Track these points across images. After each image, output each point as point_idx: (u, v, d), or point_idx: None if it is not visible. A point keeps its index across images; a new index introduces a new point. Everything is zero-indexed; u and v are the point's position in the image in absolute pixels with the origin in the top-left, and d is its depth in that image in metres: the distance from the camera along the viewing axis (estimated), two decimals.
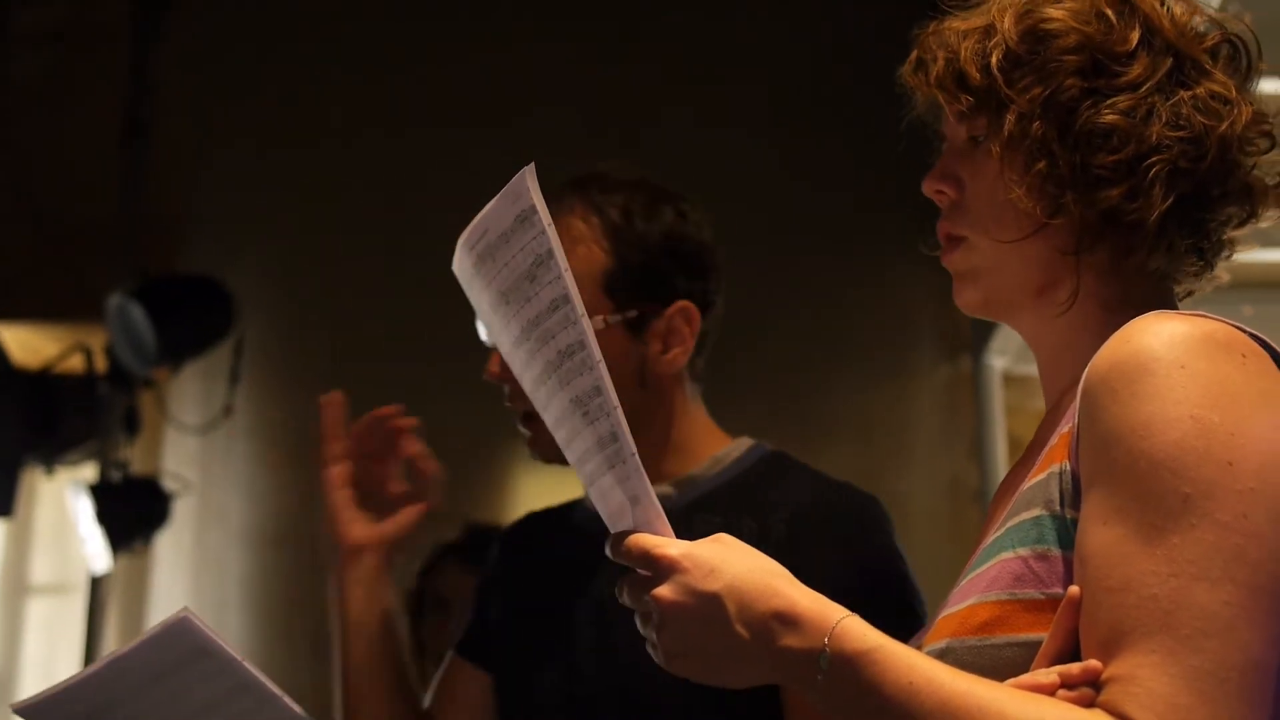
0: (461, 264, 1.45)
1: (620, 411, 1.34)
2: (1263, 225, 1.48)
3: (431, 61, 4.79)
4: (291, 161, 4.77)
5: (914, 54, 1.53)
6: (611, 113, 4.76)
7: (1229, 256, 1.50)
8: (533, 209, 1.35)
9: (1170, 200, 1.38)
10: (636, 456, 1.35)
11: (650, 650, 1.36)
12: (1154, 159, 1.38)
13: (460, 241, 1.44)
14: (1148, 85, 1.41)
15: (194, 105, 4.87)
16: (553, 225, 1.34)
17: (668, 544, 1.35)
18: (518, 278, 1.37)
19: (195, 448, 4.64)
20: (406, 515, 2.19)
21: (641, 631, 1.37)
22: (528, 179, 1.36)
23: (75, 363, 4.46)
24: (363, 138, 4.76)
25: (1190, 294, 1.52)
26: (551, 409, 1.41)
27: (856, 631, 1.27)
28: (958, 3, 1.53)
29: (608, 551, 1.40)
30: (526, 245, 1.36)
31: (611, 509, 1.40)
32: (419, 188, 4.69)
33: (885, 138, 1.63)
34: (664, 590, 1.33)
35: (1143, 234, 1.40)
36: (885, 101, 1.59)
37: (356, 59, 4.81)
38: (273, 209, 4.78)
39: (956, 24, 1.50)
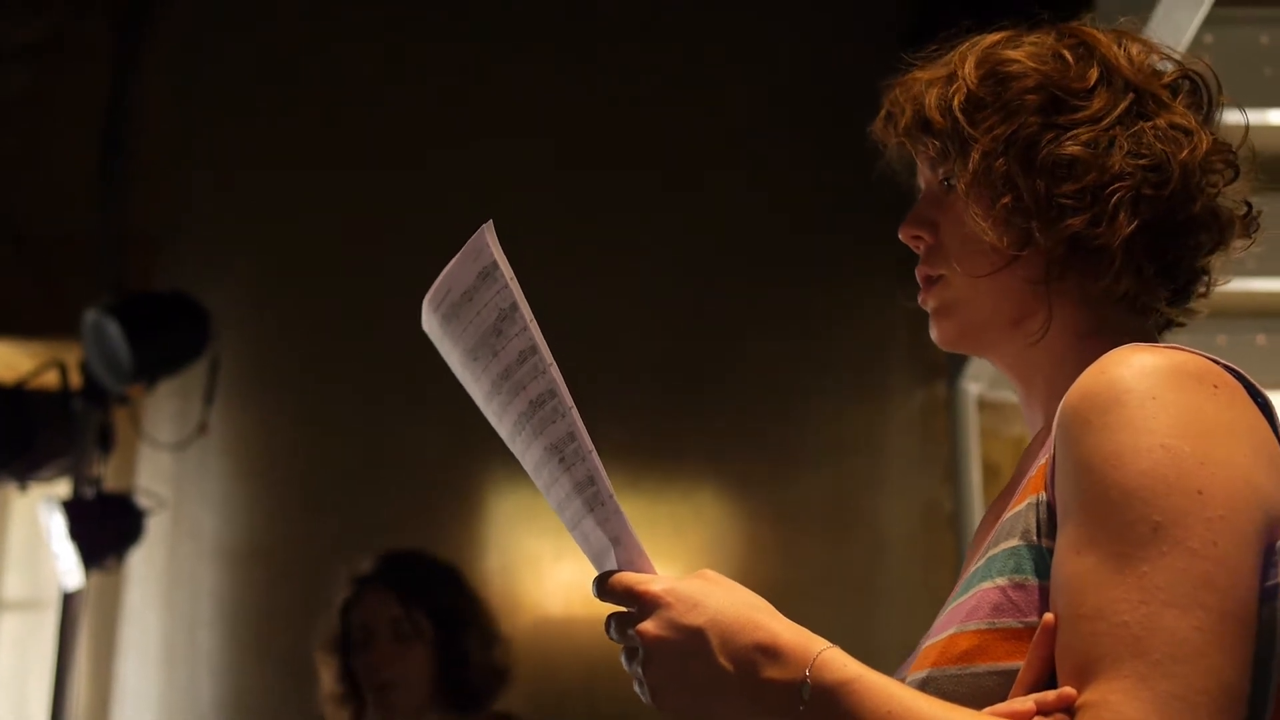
0: (429, 323, 1.47)
1: (595, 455, 1.37)
2: (1234, 255, 1.50)
3: (410, 82, 4.80)
4: (270, 180, 4.77)
5: (883, 108, 1.56)
6: (587, 138, 4.77)
7: (1207, 288, 1.52)
8: (494, 264, 1.37)
9: (1134, 225, 1.41)
10: (614, 498, 1.38)
11: (637, 689, 1.38)
12: (1116, 186, 1.41)
13: (425, 302, 1.45)
14: (1108, 119, 1.45)
15: (173, 123, 4.86)
16: (515, 279, 1.36)
17: (651, 580, 1.37)
18: (484, 334, 1.39)
19: (169, 465, 4.63)
20: None
21: (626, 669, 1.39)
22: (487, 235, 1.38)
23: (50, 379, 4.43)
24: (341, 158, 4.76)
25: (1170, 324, 1.54)
26: (529, 457, 1.43)
27: (837, 662, 1.29)
28: (922, 56, 1.56)
29: (593, 591, 1.42)
30: (490, 301, 1.38)
31: (595, 550, 1.43)
32: (396, 208, 4.69)
33: (858, 165, 1.65)
34: (648, 625, 1.35)
35: (1108, 259, 1.42)
36: (862, 130, 1.62)
37: (336, 79, 4.82)
38: (250, 228, 4.78)
39: (920, 75, 1.54)
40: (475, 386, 1.45)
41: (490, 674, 3.46)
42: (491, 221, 1.38)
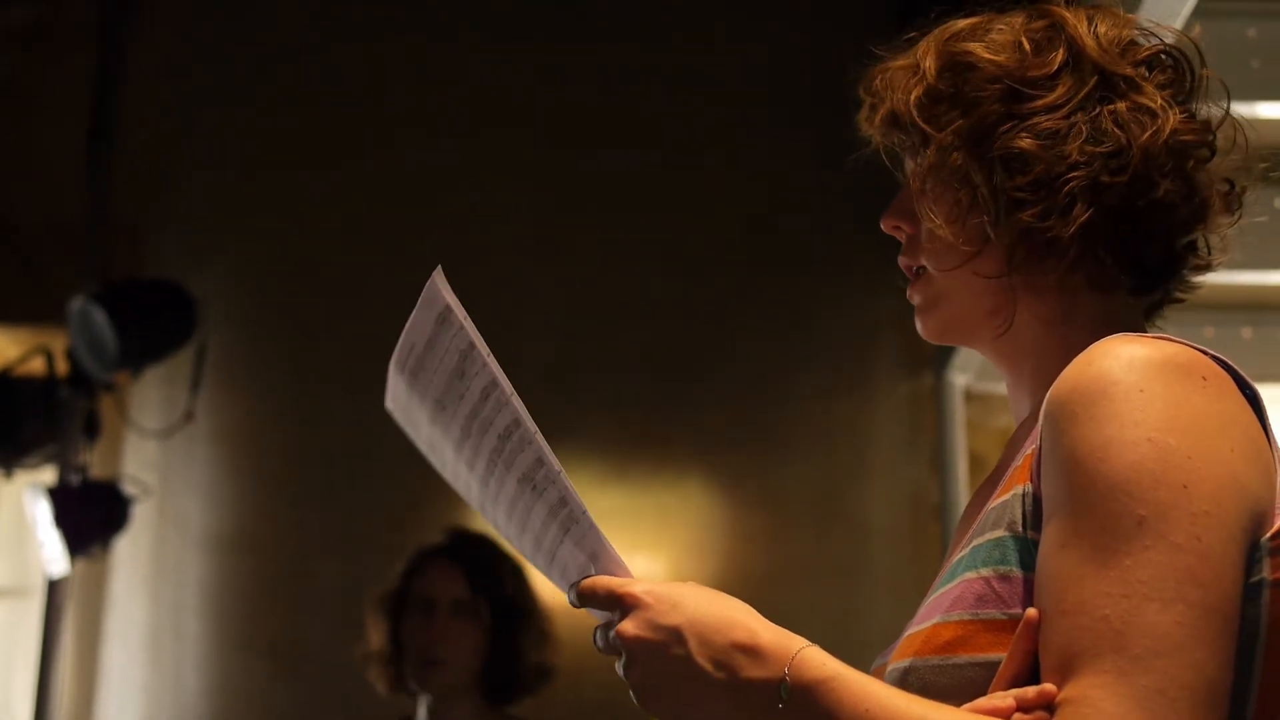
0: (395, 392, 1.48)
1: (564, 475, 1.37)
2: (1221, 232, 1.49)
3: (396, 73, 4.79)
4: (257, 169, 4.76)
5: (866, 100, 1.55)
6: (569, 134, 4.77)
7: (1207, 264, 1.50)
8: (448, 308, 1.37)
9: (1090, 214, 1.39)
10: (588, 514, 1.38)
11: (632, 696, 1.37)
12: (1070, 176, 1.40)
13: (391, 368, 1.47)
14: (1069, 105, 1.43)
15: (160, 111, 4.85)
16: (469, 319, 1.36)
17: (630, 583, 1.37)
18: (449, 378, 1.40)
19: (155, 452, 4.62)
20: None
21: (620, 675, 1.38)
22: (438, 281, 1.38)
23: (36, 365, 4.43)
24: (328, 147, 4.75)
25: (1162, 304, 1.53)
26: (503, 497, 1.43)
27: (816, 660, 1.29)
28: (897, 44, 1.55)
29: (572, 600, 1.41)
30: (450, 344, 1.39)
31: (574, 574, 1.42)
32: (383, 197, 4.69)
33: (846, 155, 1.65)
34: (627, 625, 1.35)
35: (1061, 250, 1.41)
36: (846, 122, 1.61)
37: (323, 70, 4.81)
38: (237, 215, 4.77)
39: (895, 64, 1.53)
40: (445, 439, 1.45)
41: (536, 671, 3.45)
42: (441, 268, 1.39)
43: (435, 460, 1.49)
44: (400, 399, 1.48)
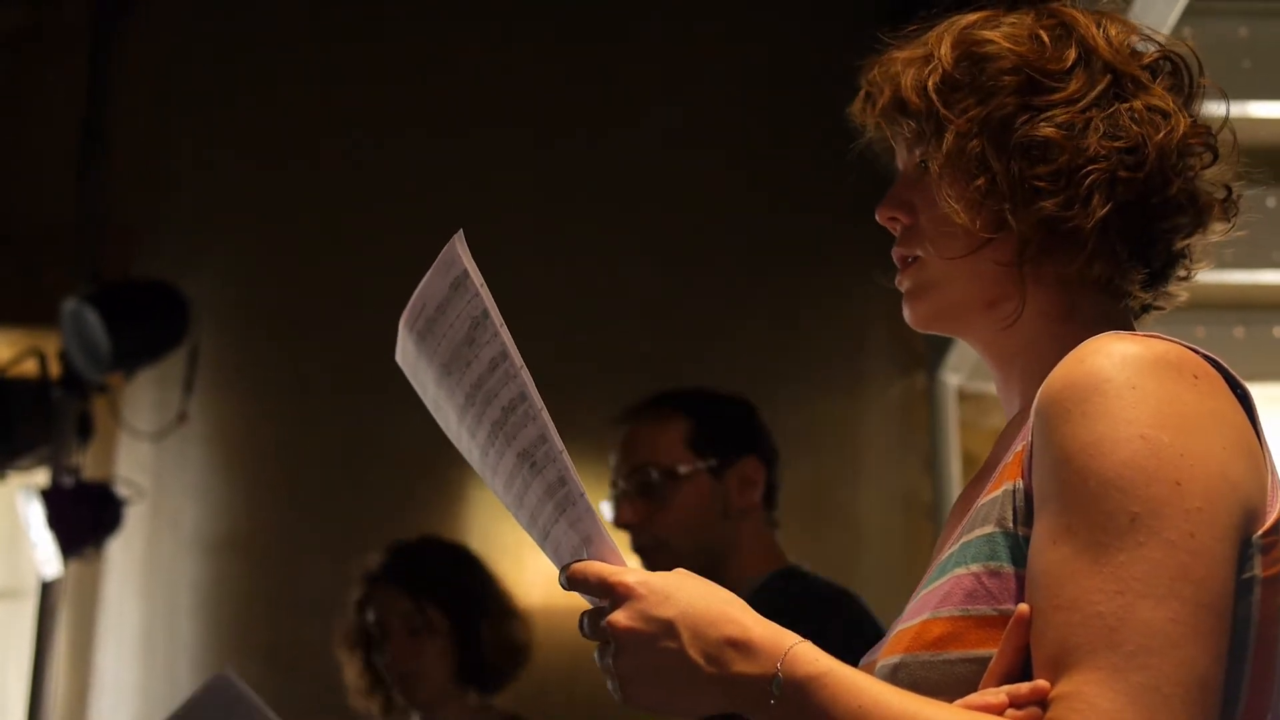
0: (404, 349, 1.47)
1: (566, 455, 1.35)
2: (1213, 239, 1.50)
3: (389, 73, 4.78)
4: (249, 169, 4.75)
5: (862, 89, 1.55)
6: (568, 128, 4.77)
7: (1188, 273, 1.52)
8: (465, 274, 1.36)
9: (1109, 208, 1.41)
10: (586, 496, 1.37)
11: (609, 686, 1.36)
12: (1090, 168, 1.41)
13: (401, 325, 1.45)
14: (1085, 100, 1.44)
15: (153, 112, 4.84)
16: (485, 286, 1.35)
17: (623, 572, 1.36)
18: (457, 345, 1.39)
19: (148, 454, 4.62)
20: None
21: (599, 664, 1.37)
22: (458, 245, 1.37)
23: (29, 367, 4.42)
24: (321, 147, 4.74)
25: (1146, 308, 1.54)
26: (501, 470, 1.42)
27: (808, 656, 1.29)
28: (901, 36, 1.56)
29: (562, 583, 1.40)
30: (462, 310, 1.37)
31: (566, 555, 1.41)
32: (376, 198, 4.68)
33: (841, 154, 1.65)
34: (618, 616, 1.34)
35: (1081, 242, 1.42)
36: (842, 119, 1.61)
37: (315, 70, 4.80)
38: (230, 216, 4.77)
39: (898, 55, 1.53)
40: (449, 404, 1.44)
41: (506, 652, 3.51)
42: (462, 231, 1.38)
43: (440, 420, 1.48)
44: (409, 357, 1.47)
